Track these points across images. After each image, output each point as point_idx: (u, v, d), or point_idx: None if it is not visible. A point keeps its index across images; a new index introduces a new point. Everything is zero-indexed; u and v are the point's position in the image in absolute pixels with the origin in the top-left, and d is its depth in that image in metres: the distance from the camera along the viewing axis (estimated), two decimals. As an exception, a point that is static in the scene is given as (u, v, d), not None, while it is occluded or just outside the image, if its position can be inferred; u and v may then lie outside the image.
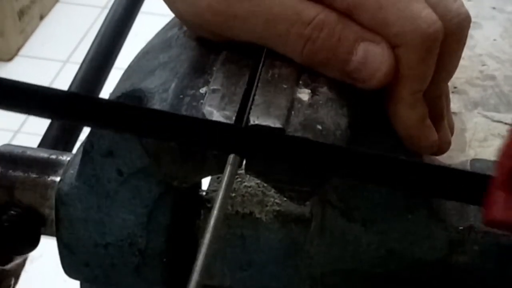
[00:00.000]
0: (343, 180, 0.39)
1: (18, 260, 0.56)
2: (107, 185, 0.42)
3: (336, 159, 0.35)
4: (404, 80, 0.39)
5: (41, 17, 2.31)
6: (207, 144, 0.36)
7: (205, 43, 0.41)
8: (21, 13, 2.18)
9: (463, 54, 0.41)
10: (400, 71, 0.38)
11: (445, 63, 0.40)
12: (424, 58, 0.38)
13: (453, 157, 0.45)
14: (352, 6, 0.38)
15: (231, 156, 0.35)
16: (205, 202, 0.44)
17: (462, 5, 0.40)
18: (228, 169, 0.34)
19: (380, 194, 0.40)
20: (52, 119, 0.36)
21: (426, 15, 0.38)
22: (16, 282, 0.57)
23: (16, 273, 0.57)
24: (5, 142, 0.50)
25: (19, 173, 0.46)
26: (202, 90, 0.38)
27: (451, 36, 0.39)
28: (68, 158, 0.47)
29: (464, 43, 0.41)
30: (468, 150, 0.46)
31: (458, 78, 0.54)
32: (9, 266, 0.55)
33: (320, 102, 0.38)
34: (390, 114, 0.40)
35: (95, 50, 0.73)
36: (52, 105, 0.35)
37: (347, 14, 0.38)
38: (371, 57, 0.38)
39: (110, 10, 0.79)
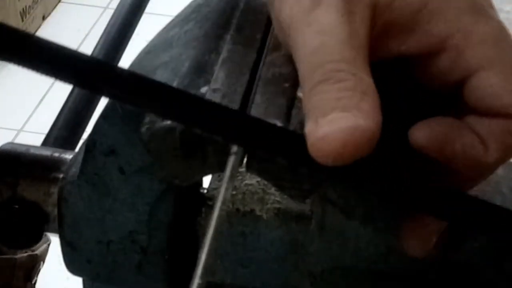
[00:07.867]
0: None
1: (44, 245, 0.57)
2: (109, 183, 0.42)
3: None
4: None
5: (44, 17, 2.31)
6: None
7: (206, 42, 0.41)
8: (24, 13, 2.19)
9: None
10: None
11: None
12: None
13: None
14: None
15: (232, 155, 0.35)
16: (206, 200, 0.45)
17: None
18: (229, 167, 0.34)
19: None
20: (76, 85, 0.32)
21: None
22: (42, 266, 0.58)
23: (43, 258, 0.58)
24: (8, 140, 0.50)
25: (22, 170, 0.46)
26: (203, 89, 0.38)
27: None
28: (71, 156, 0.47)
29: None
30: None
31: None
32: (39, 251, 0.56)
33: (320, 101, 0.38)
34: None
35: (100, 50, 0.73)
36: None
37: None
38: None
39: (114, 11, 0.80)
